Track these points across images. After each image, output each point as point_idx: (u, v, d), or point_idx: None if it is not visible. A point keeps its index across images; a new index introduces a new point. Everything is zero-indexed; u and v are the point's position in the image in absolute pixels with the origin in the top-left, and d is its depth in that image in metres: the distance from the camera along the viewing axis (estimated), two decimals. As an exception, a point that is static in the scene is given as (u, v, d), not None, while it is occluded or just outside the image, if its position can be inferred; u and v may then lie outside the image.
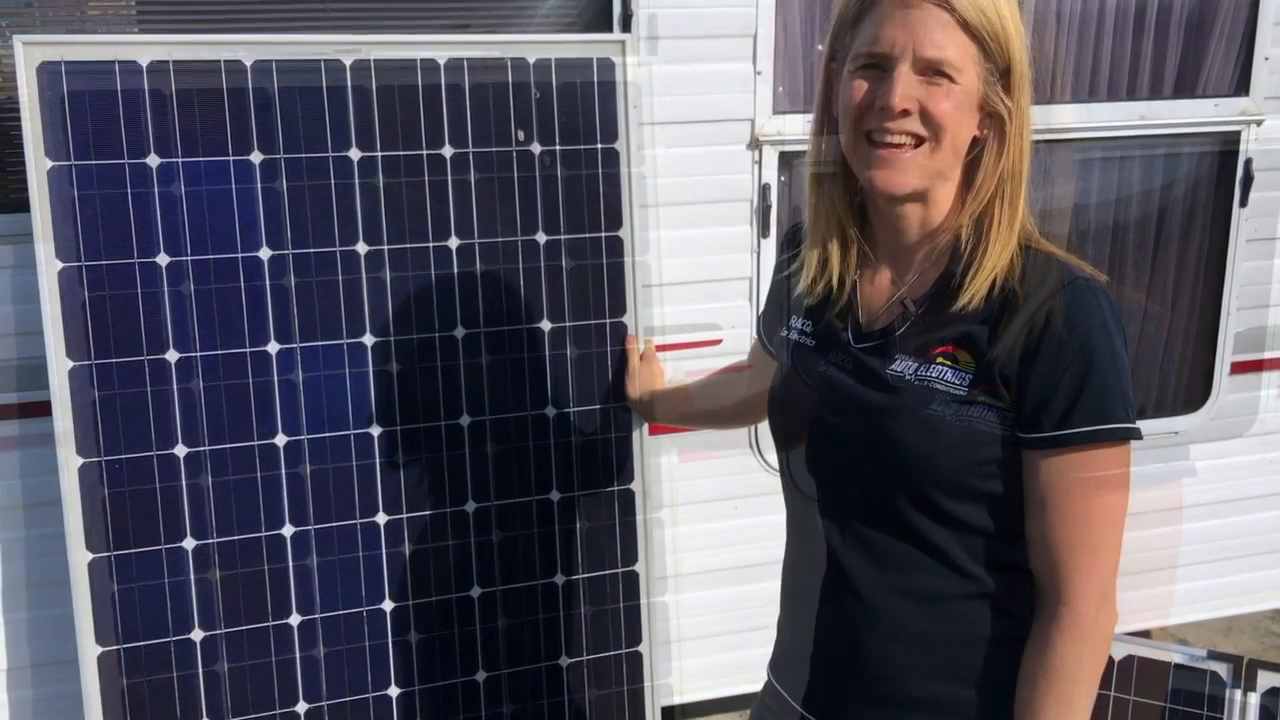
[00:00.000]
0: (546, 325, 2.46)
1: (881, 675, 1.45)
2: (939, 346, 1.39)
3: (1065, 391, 1.31)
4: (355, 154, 2.31)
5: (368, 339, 2.35)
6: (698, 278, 2.75)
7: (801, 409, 1.50)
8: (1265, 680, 2.50)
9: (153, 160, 2.21)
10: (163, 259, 2.23)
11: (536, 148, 2.41)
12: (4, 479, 2.43)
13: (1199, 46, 3.02)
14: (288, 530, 2.34)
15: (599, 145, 2.45)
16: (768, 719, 1.65)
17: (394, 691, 2.44)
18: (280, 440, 2.32)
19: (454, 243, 2.39)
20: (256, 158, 2.26)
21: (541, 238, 2.44)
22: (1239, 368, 3.25)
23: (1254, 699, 2.50)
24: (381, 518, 2.40)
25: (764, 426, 1.86)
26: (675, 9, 2.58)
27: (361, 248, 2.33)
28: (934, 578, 1.41)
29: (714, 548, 2.95)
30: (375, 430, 2.37)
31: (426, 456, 2.41)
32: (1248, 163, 3.07)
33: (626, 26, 2.54)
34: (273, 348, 2.30)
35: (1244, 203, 3.11)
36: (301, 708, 2.39)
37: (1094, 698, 1.38)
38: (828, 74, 1.46)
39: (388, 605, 2.42)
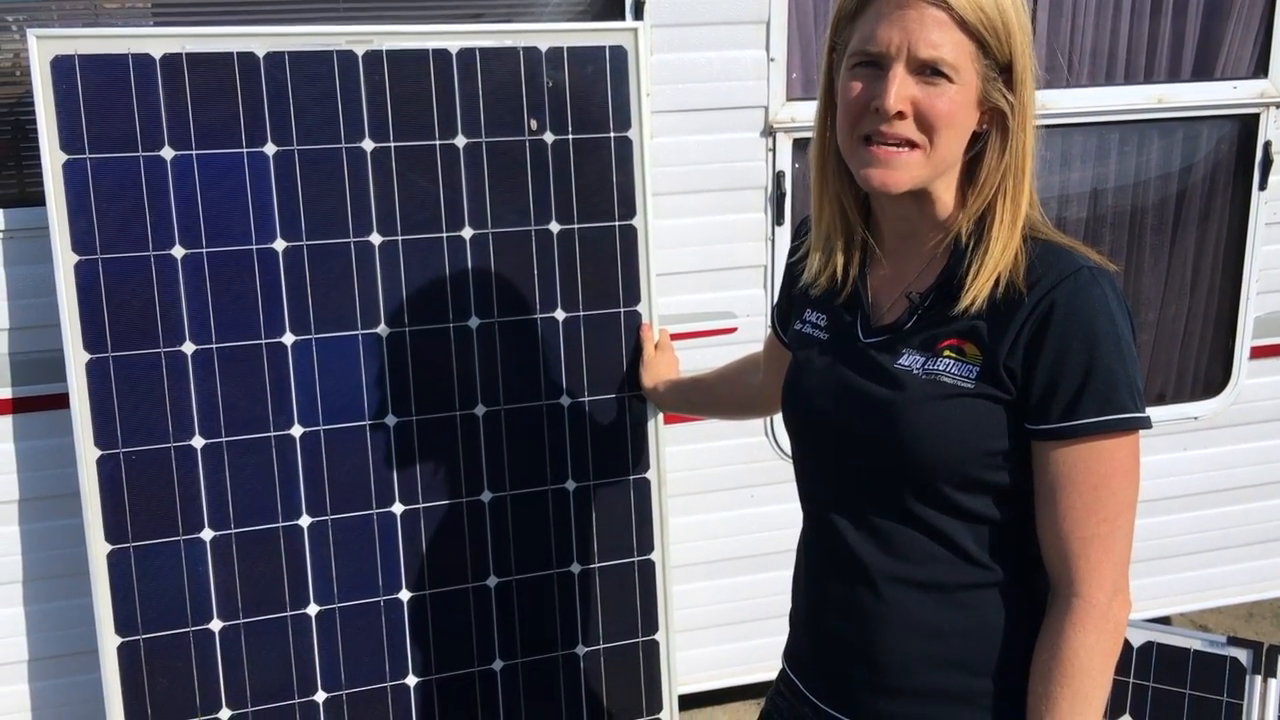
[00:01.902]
0: (561, 314, 2.46)
1: (893, 665, 1.45)
2: (945, 340, 1.38)
3: (1071, 381, 1.31)
4: (369, 145, 2.31)
5: (382, 329, 2.35)
6: (712, 266, 2.75)
7: (814, 403, 1.51)
8: (1286, 667, 2.49)
9: (167, 153, 2.22)
10: (178, 251, 2.24)
11: (549, 137, 2.41)
12: (24, 471, 2.45)
13: (1217, 28, 2.99)
14: (304, 521, 2.35)
15: (612, 134, 2.44)
16: (782, 707, 1.65)
17: (411, 680, 2.46)
18: (296, 431, 2.33)
19: (468, 233, 2.39)
20: (270, 149, 2.26)
21: (555, 227, 2.43)
22: (1259, 352, 3.22)
23: (1274, 685, 2.49)
24: (398, 508, 2.41)
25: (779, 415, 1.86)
26: (688, -4, 2.57)
27: (375, 238, 2.34)
28: (945, 568, 1.41)
29: (730, 535, 2.95)
30: (391, 421, 2.38)
31: (442, 447, 2.42)
32: (1267, 145, 3.04)
33: (639, 14, 2.53)
34: (288, 339, 2.31)
35: (1263, 186, 3.08)
36: (320, 697, 2.40)
37: (1109, 688, 1.37)
38: (830, 63, 1.45)
39: (404, 595, 2.43)
